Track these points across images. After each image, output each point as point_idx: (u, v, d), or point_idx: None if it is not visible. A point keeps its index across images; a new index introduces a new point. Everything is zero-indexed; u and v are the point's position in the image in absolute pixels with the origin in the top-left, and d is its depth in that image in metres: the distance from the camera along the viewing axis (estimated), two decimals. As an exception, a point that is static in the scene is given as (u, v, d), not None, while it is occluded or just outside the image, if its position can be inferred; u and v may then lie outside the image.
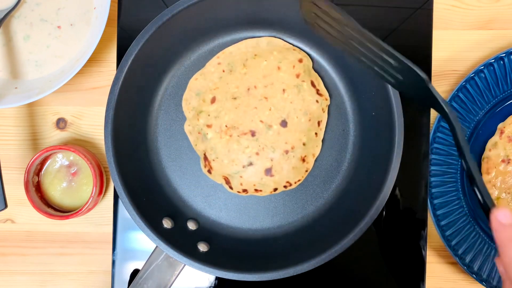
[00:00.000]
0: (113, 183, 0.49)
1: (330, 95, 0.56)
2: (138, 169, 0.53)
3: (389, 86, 0.48)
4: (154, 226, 0.49)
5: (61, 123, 0.59)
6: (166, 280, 0.49)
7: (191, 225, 0.54)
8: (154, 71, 0.54)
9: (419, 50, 0.58)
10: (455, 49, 0.59)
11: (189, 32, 0.53)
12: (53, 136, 0.59)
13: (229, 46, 0.56)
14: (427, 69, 0.57)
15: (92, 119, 0.59)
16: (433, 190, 0.57)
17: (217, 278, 0.57)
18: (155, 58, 0.53)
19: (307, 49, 0.56)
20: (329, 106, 0.56)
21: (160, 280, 0.48)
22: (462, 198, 0.57)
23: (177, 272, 0.49)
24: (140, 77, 0.52)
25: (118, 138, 0.50)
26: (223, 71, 0.54)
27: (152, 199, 0.52)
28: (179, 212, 0.55)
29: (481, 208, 0.36)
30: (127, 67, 0.49)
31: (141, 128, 0.55)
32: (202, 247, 0.51)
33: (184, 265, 0.49)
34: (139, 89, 0.53)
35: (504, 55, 0.56)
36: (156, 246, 0.49)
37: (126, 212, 0.55)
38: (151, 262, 0.49)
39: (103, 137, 0.56)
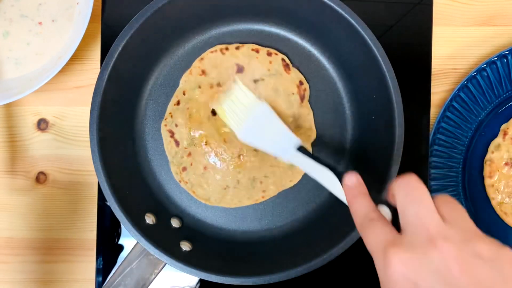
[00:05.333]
0: (96, 175, 0.48)
1: (329, 96, 0.55)
2: (122, 161, 0.52)
3: (392, 90, 0.47)
4: (136, 221, 0.48)
5: (42, 124, 0.57)
6: (145, 278, 0.48)
7: (175, 223, 0.53)
8: (143, 63, 0.53)
9: (419, 47, 0.57)
10: (456, 46, 0.58)
11: (182, 22, 0.52)
12: (34, 137, 0.57)
13: (226, 37, 0.55)
14: (427, 67, 0.57)
15: (75, 120, 0.57)
16: (433, 195, 0.55)
17: (199, 280, 0.56)
18: (143, 51, 0.51)
19: (308, 45, 0.54)
20: (327, 107, 0.55)
21: (138, 278, 0.48)
22: (463, 202, 0.56)
23: (157, 271, 0.48)
24: (127, 71, 0.51)
25: (104, 129, 0.49)
26: None
27: (136, 193, 0.52)
28: (163, 208, 0.54)
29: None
30: (111, 65, 0.48)
31: (128, 118, 0.54)
32: (185, 246, 0.50)
33: (165, 263, 0.48)
34: (127, 82, 0.52)
35: (507, 52, 0.55)
36: (137, 242, 0.48)
37: (111, 217, 0.55)
38: (130, 259, 0.48)
39: (86, 139, 0.56)
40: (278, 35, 0.55)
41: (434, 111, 0.57)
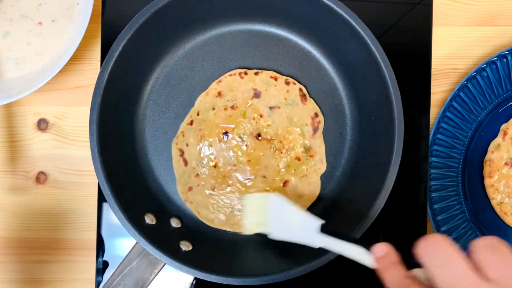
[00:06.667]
0: (96, 175, 0.48)
1: (329, 96, 0.54)
2: (122, 161, 0.52)
3: (392, 90, 0.47)
4: (136, 221, 0.48)
5: (42, 124, 0.57)
6: (145, 278, 0.48)
7: (175, 223, 0.53)
8: (143, 63, 0.53)
9: (418, 47, 0.57)
10: (456, 47, 0.58)
11: (182, 22, 0.52)
12: (34, 137, 0.57)
13: (226, 37, 0.54)
14: (427, 67, 0.56)
15: (75, 120, 0.57)
16: (433, 195, 0.55)
17: (196, 280, 0.56)
18: (143, 51, 0.51)
19: (308, 45, 0.54)
20: (326, 108, 0.55)
21: (138, 278, 0.47)
22: (463, 203, 0.56)
23: (157, 271, 0.48)
24: (127, 71, 0.51)
25: (103, 129, 0.48)
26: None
27: (136, 193, 0.51)
28: (162, 208, 0.54)
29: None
30: (111, 65, 0.48)
31: (128, 119, 0.54)
32: (185, 246, 0.50)
33: (164, 263, 0.47)
34: (127, 82, 0.52)
35: (507, 52, 0.55)
36: (136, 242, 0.48)
37: (111, 218, 0.55)
38: (130, 258, 0.48)
39: (86, 139, 0.55)
40: (278, 35, 0.54)
41: (434, 111, 0.57)
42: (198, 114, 0.54)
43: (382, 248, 0.38)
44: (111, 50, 0.48)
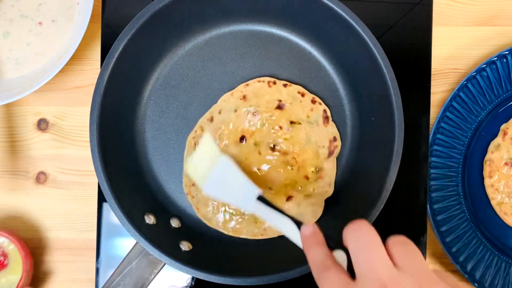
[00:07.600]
0: (96, 175, 0.48)
1: (329, 96, 0.54)
2: (122, 161, 0.52)
3: (392, 90, 0.47)
4: (136, 221, 0.48)
5: (42, 124, 0.57)
6: (144, 278, 0.48)
7: (175, 223, 0.53)
8: (143, 63, 0.53)
9: (418, 47, 0.57)
10: (456, 47, 0.58)
11: (182, 22, 0.52)
12: (34, 137, 0.57)
13: (226, 37, 0.54)
14: (427, 67, 0.56)
15: (75, 120, 0.57)
16: (433, 195, 0.55)
17: (195, 279, 0.56)
18: (143, 51, 0.51)
19: (308, 46, 0.54)
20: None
21: (138, 278, 0.47)
22: (463, 202, 0.56)
23: (156, 271, 0.48)
24: (127, 72, 0.51)
25: (103, 129, 0.48)
26: None
27: (136, 193, 0.51)
28: (163, 208, 0.54)
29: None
30: (111, 66, 0.48)
31: (128, 119, 0.54)
32: (185, 246, 0.50)
33: (164, 263, 0.47)
34: (127, 82, 0.52)
35: (507, 52, 0.55)
36: (136, 242, 0.48)
37: (111, 218, 0.55)
38: (130, 259, 0.48)
39: (86, 139, 0.55)
40: (278, 36, 0.54)
41: (434, 111, 0.57)
42: (219, 113, 0.53)
43: (309, 228, 0.40)
44: (111, 51, 0.48)
